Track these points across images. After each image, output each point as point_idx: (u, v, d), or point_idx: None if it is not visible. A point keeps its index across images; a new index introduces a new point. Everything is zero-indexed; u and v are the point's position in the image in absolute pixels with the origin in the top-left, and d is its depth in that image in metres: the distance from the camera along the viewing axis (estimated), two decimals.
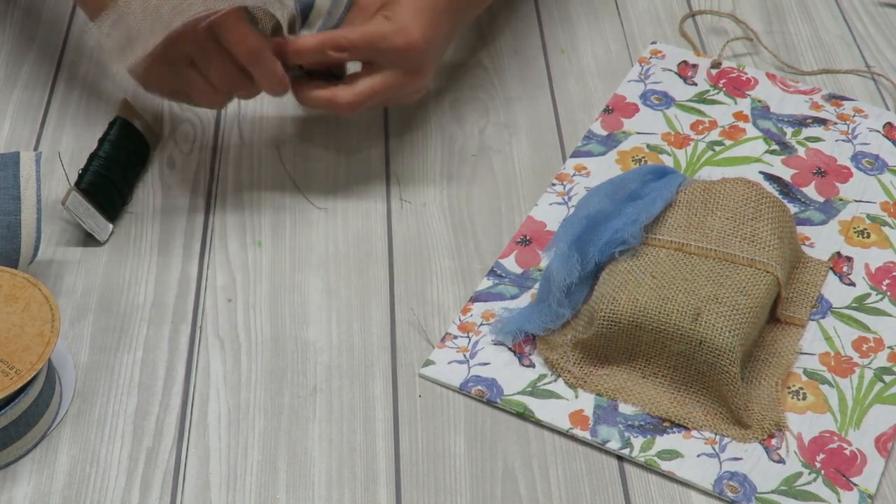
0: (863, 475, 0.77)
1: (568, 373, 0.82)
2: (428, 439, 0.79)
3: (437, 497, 0.76)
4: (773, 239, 0.84)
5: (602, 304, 0.81)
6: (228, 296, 0.88)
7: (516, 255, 0.90)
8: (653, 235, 0.85)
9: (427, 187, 0.96)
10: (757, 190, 0.87)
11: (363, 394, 0.82)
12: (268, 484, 0.77)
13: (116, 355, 0.84)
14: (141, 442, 0.79)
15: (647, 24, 1.13)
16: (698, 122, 1.02)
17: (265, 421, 0.80)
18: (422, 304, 0.87)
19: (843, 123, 1.01)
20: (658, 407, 0.80)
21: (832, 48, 1.10)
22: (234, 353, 0.84)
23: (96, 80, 1.06)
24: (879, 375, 0.82)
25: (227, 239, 0.92)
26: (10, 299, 0.78)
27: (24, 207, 0.84)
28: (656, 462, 0.77)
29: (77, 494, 0.76)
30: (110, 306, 0.87)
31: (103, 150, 0.94)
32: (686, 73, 1.06)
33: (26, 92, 1.04)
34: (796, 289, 0.87)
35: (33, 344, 0.75)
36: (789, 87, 1.05)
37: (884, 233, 0.92)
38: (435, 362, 0.83)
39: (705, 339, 0.78)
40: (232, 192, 0.95)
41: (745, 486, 0.76)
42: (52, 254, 0.90)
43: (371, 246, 0.91)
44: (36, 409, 0.77)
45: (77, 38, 1.10)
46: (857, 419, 0.80)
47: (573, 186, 0.96)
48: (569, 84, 1.06)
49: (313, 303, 0.87)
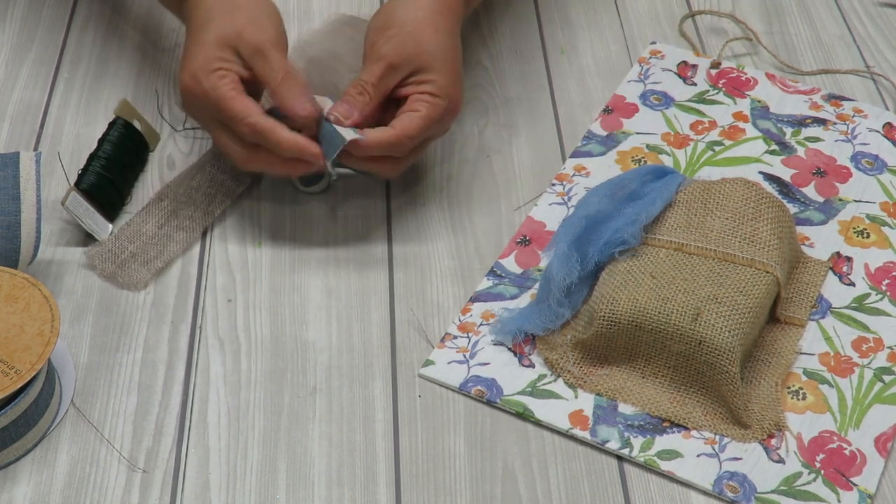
0: (862, 475, 0.77)
1: (568, 373, 0.82)
2: (428, 439, 0.79)
3: (437, 497, 0.76)
4: (772, 239, 0.84)
5: (602, 304, 0.81)
6: (228, 296, 0.88)
7: (516, 255, 0.90)
8: (652, 235, 0.85)
9: (427, 187, 0.96)
10: (756, 190, 0.87)
11: (363, 394, 0.82)
12: (267, 484, 0.77)
13: (116, 355, 0.84)
14: (141, 442, 0.79)
15: (646, 24, 1.13)
16: (698, 123, 1.02)
17: (265, 421, 0.80)
18: (421, 304, 0.87)
19: (842, 123, 1.01)
20: (658, 407, 0.80)
21: (832, 48, 1.10)
22: (234, 354, 0.84)
23: (96, 80, 1.06)
24: (879, 375, 0.82)
25: (227, 239, 0.92)
26: (9, 299, 0.78)
27: (24, 207, 0.84)
28: (656, 462, 0.77)
29: (77, 494, 0.76)
30: (110, 306, 0.87)
31: (103, 150, 0.94)
32: (686, 74, 1.06)
33: (26, 92, 1.04)
34: (796, 289, 0.87)
35: (33, 344, 0.75)
36: (789, 88, 1.05)
37: (883, 233, 0.92)
38: (435, 362, 0.83)
39: (705, 339, 0.78)
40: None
41: (745, 486, 0.76)
42: (52, 254, 0.90)
43: (371, 246, 0.91)
44: (36, 409, 0.77)
45: (77, 39, 1.10)
46: (857, 419, 0.80)
47: (573, 187, 0.96)
48: (568, 84, 1.06)
49: (313, 303, 0.87)
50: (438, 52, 0.88)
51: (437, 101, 0.87)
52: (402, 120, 0.86)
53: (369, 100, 0.87)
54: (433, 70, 0.87)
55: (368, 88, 0.87)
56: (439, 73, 0.87)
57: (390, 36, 0.88)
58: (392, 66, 0.87)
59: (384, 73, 0.87)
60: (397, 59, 0.87)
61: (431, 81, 0.87)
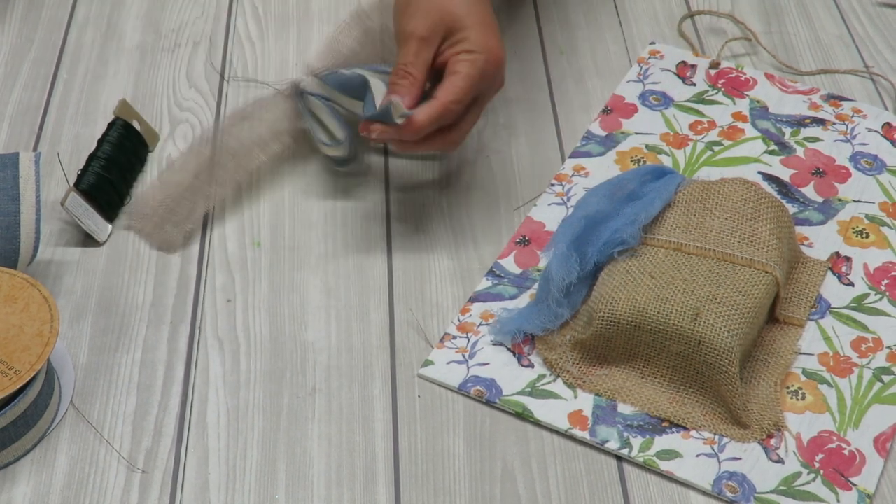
0: (861, 475, 0.77)
1: (567, 373, 0.82)
2: (427, 439, 0.79)
3: (436, 497, 0.76)
4: (771, 239, 0.84)
5: (601, 304, 0.81)
6: (227, 296, 0.88)
7: (515, 255, 0.90)
8: (651, 235, 0.85)
9: (426, 188, 0.96)
10: (756, 190, 0.87)
11: (362, 394, 0.82)
12: (267, 484, 0.77)
13: (115, 356, 0.84)
14: (140, 442, 0.79)
15: (645, 24, 1.13)
16: (697, 123, 1.02)
17: (264, 421, 0.80)
18: (421, 304, 0.87)
19: (841, 123, 1.01)
20: (657, 407, 0.80)
21: (831, 48, 1.10)
22: (234, 354, 0.84)
23: (95, 80, 1.06)
24: (878, 375, 0.82)
25: (226, 239, 0.92)
26: (9, 300, 0.78)
27: (24, 208, 0.84)
28: (655, 462, 0.77)
29: (76, 495, 0.76)
30: (109, 307, 0.87)
31: (102, 150, 0.94)
32: (685, 74, 1.06)
33: (25, 92, 1.04)
34: (795, 289, 0.87)
35: (32, 344, 0.75)
36: (788, 88, 1.05)
37: (882, 233, 0.92)
38: (434, 362, 0.83)
39: (704, 339, 0.78)
40: (231, 192, 0.95)
41: (744, 486, 0.76)
42: (52, 254, 0.90)
43: (370, 246, 0.92)
44: (35, 409, 0.77)
45: (76, 39, 1.10)
46: (856, 419, 0.80)
47: (572, 187, 0.96)
48: (568, 84, 1.06)
49: (312, 303, 0.87)
50: (463, 10, 0.86)
51: (474, 56, 0.85)
52: (444, 87, 0.85)
53: (413, 80, 0.86)
54: (463, 28, 0.86)
55: (409, 69, 0.86)
56: (471, 29, 0.86)
57: (412, 12, 0.86)
58: (423, 39, 0.86)
59: (418, 48, 0.86)
60: (425, 30, 0.86)
61: (464, 40, 0.86)
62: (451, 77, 0.85)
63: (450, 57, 0.86)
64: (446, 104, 0.85)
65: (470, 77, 0.85)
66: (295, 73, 1.06)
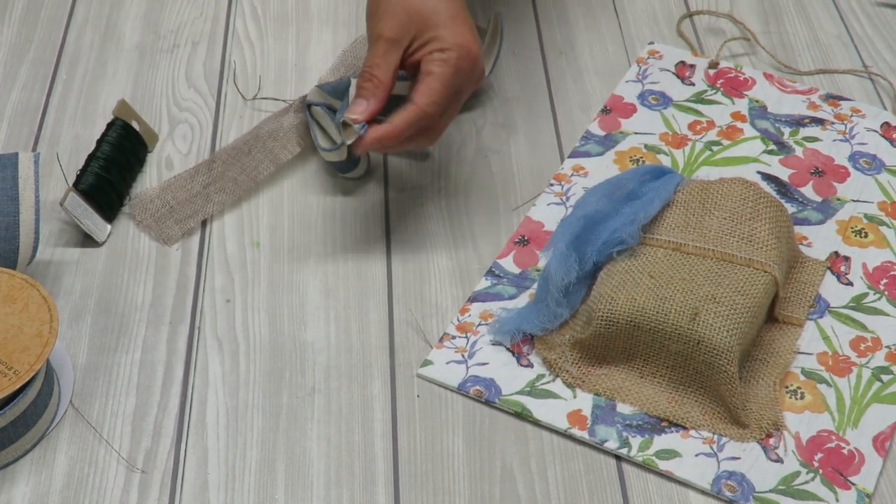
0: (861, 474, 0.77)
1: (566, 373, 0.82)
2: (426, 439, 0.79)
3: (436, 497, 0.76)
4: (770, 239, 0.84)
5: (600, 303, 0.81)
6: (227, 296, 0.88)
7: (514, 255, 0.90)
8: (650, 235, 0.85)
9: (425, 188, 0.96)
10: (754, 190, 0.87)
11: (361, 394, 0.82)
12: (266, 484, 0.77)
13: (115, 356, 0.84)
14: (139, 442, 0.79)
15: (644, 24, 1.13)
16: (696, 123, 1.02)
17: (263, 421, 0.80)
18: (420, 304, 0.87)
19: (840, 123, 1.01)
20: (656, 406, 0.80)
21: (829, 48, 1.10)
22: (233, 354, 0.84)
23: (94, 81, 1.06)
24: (877, 375, 0.82)
25: (226, 240, 0.92)
26: (8, 300, 0.78)
27: (23, 208, 0.84)
28: (654, 462, 0.77)
29: (76, 495, 0.76)
30: (109, 307, 0.87)
31: (101, 150, 0.94)
32: (684, 74, 1.06)
33: (24, 93, 1.04)
34: (794, 288, 0.87)
35: (32, 345, 0.75)
36: (787, 87, 1.05)
37: (881, 232, 0.92)
38: (433, 362, 0.83)
39: (703, 339, 0.78)
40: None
41: (744, 486, 0.76)
42: (51, 254, 0.90)
43: (369, 246, 0.92)
44: (34, 409, 0.77)
45: (75, 39, 1.10)
46: (855, 418, 0.80)
47: (571, 187, 0.96)
48: (567, 84, 1.06)
49: (311, 303, 0.87)
50: (431, 7, 0.85)
51: (447, 54, 0.84)
52: (419, 89, 0.84)
53: (378, 82, 0.85)
54: (434, 27, 0.85)
55: (374, 71, 0.85)
56: (441, 27, 0.85)
57: (381, 14, 0.85)
58: (390, 40, 0.85)
59: (385, 50, 0.85)
60: (392, 31, 0.85)
61: (435, 38, 0.85)
62: (425, 78, 0.84)
63: (422, 57, 0.85)
64: (422, 107, 0.84)
65: (443, 76, 0.84)
66: (294, 73, 1.06)
